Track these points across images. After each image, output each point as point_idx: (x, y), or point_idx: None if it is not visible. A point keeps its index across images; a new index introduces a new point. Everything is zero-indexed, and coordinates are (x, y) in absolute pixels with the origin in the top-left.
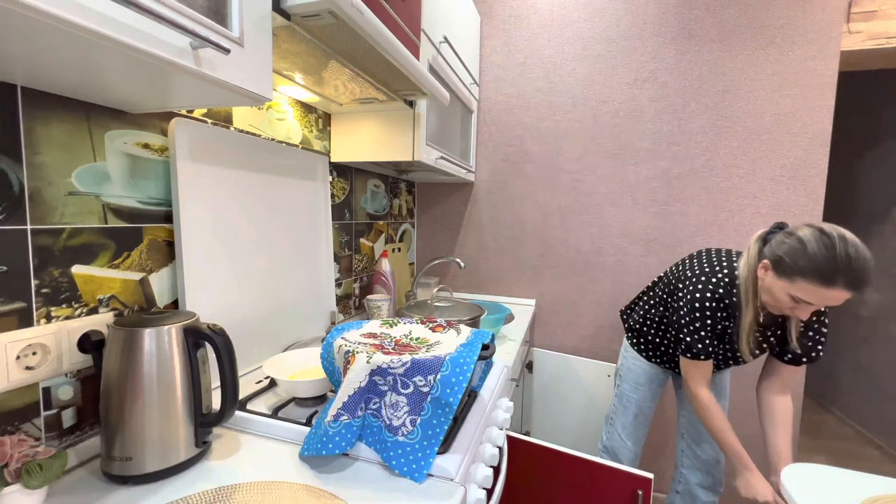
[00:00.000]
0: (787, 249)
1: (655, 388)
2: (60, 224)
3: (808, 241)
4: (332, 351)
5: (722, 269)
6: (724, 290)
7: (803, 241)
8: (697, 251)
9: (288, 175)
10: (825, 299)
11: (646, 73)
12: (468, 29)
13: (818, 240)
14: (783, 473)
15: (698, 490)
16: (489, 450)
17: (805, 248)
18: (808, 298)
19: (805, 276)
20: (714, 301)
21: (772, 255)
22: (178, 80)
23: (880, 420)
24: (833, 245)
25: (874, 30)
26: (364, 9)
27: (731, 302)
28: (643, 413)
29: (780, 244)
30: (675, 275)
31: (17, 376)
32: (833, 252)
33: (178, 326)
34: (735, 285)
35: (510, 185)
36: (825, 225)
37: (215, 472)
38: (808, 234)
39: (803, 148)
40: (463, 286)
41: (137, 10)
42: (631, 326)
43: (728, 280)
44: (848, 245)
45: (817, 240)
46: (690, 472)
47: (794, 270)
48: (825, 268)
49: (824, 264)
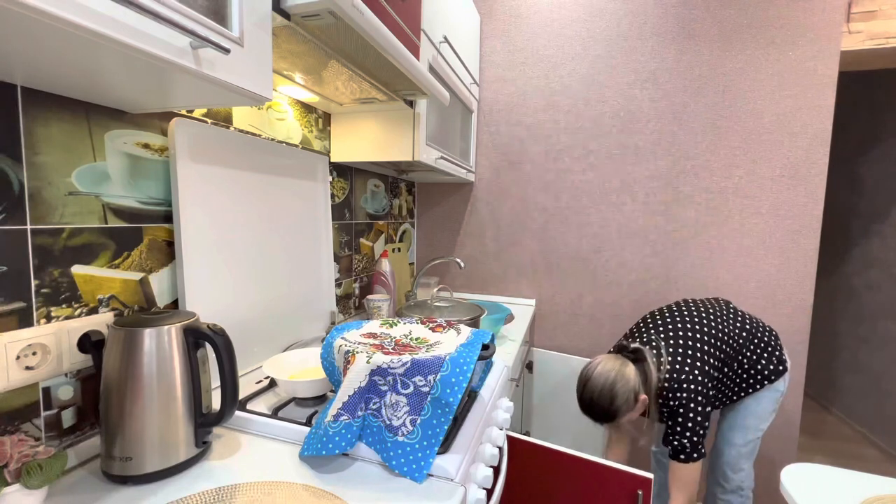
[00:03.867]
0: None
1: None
2: (60, 224)
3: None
4: (332, 351)
5: (693, 371)
6: (704, 385)
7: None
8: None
9: (288, 175)
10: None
11: (646, 73)
12: (468, 29)
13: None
14: (783, 473)
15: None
16: (489, 450)
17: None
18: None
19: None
20: (704, 396)
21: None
22: (178, 80)
23: (880, 420)
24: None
25: (874, 30)
26: (364, 9)
27: (710, 384)
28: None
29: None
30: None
31: (17, 376)
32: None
33: (178, 326)
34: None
35: (510, 185)
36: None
37: (215, 472)
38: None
39: (803, 148)
40: (463, 286)
41: (137, 10)
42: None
43: (697, 373)
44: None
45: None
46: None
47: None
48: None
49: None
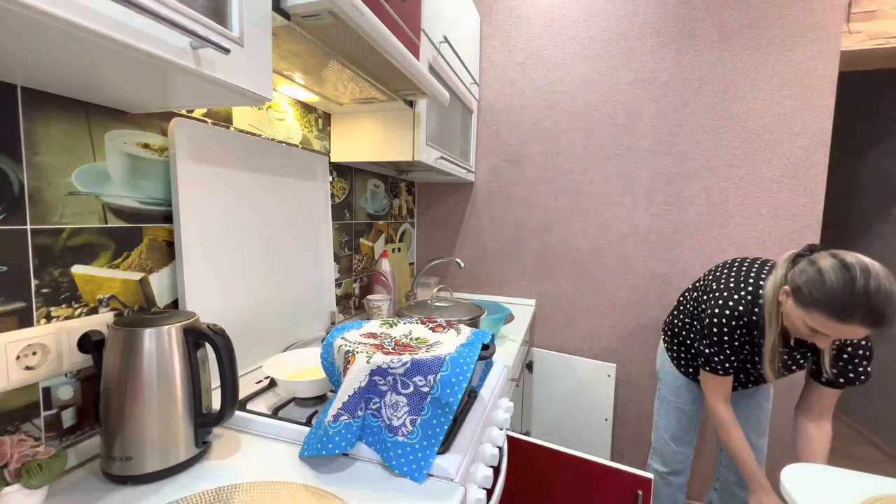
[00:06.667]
0: (806, 279)
1: (696, 391)
2: (60, 224)
3: (826, 273)
4: (332, 351)
5: (748, 286)
6: (744, 307)
7: (822, 273)
8: (732, 260)
9: (288, 175)
10: (841, 333)
11: (646, 73)
12: (468, 29)
13: (837, 271)
14: (783, 473)
15: (736, 488)
16: (489, 450)
17: (823, 281)
18: (824, 330)
19: (821, 308)
20: (734, 319)
21: (792, 281)
22: (178, 79)
23: (880, 420)
24: (852, 279)
25: (874, 30)
26: (364, 9)
27: (752, 321)
28: (685, 415)
29: (801, 272)
30: (705, 284)
31: (17, 376)
32: (851, 287)
33: (178, 326)
34: (758, 304)
35: (510, 185)
36: (850, 255)
37: (215, 472)
38: (829, 264)
39: (803, 148)
40: (463, 286)
41: (137, 9)
42: (664, 329)
43: (751, 298)
44: (870, 279)
45: (836, 271)
46: (729, 470)
47: (811, 302)
48: (841, 302)
49: (840, 299)
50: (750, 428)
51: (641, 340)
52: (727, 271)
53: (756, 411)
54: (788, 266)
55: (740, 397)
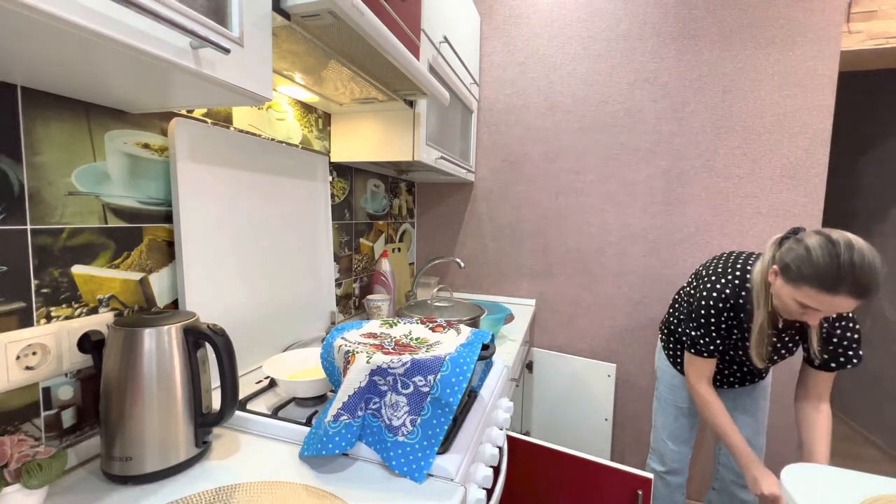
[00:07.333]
0: (794, 256)
1: None
2: (60, 224)
3: (813, 249)
4: (332, 351)
5: (735, 271)
6: (731, 291)
7: (809, 249)
8: (722, 253)
9: (288, 175)
10: (831, 306)
11: (646, 73)
12: (468, 29)
13: (823, 247)
14: (783, 473)
15: (735, 488)
16: (489, 450)
17: (810, 256)
18: (814, 305)
19: (810, 283)
20: (721, 302)
21: (780, 261)
22: (178, 79)
23: (880, 420)
24: (837, 253)
25: (874, 30)
26: (364, 9)
27: (739, 304)
28: (682, 413)
29: (788, 251)
30: (695, 277)
31: (17, 376)
32: (837, 260)
33: (178, 326)
34: (746, 288)
35: (510, 185)
36: (834, 232)
37: (215, 472)
38: (815, 241)
39: (803, 148)
40: (463, 286)
41: (137, 10)
42: (661, 328)
43: (738, 282)
44: (854, 252)
45: (823, 247)
46: (727, 470)
47: (800, 277)
48: (828, 275)
49: (828, 271)
50: (748, 427)
51: (641, 340)
52: (715, 261)
53: (753, 410)
54: (775, 248)
55: (738, 396)
